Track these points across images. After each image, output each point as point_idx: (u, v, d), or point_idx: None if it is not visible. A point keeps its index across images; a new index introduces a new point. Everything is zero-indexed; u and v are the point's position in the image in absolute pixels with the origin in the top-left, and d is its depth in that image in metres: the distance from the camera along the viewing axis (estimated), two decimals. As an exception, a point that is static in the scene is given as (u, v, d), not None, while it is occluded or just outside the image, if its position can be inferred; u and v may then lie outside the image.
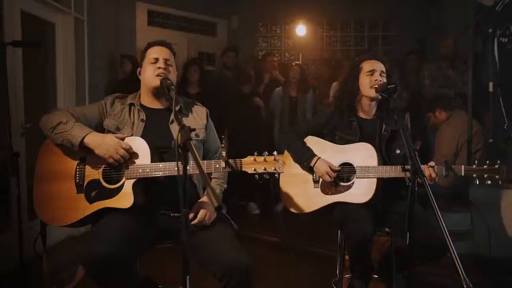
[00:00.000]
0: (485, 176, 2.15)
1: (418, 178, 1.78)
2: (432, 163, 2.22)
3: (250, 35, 6.73)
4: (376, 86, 2.34)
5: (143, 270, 2.23)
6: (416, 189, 1.80)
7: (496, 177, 2.14)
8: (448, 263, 3.23)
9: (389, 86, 2.04)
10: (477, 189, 3.44)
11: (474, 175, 2.17)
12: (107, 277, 1.78)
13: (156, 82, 2.07)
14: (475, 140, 3.78)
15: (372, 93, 2.39)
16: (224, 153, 1.94)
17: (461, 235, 3.52)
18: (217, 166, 1.94)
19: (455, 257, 1.56)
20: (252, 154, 1.94)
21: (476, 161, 2.21)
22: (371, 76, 2.41)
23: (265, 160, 1.93)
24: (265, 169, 1.92)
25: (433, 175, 2.20)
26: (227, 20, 6.55)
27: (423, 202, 3.79)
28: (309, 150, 2.50)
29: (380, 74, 2.41)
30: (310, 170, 2.48)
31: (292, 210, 2.54)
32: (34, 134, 2.11)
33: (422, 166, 2.20)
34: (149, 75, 2.10)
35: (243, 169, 1.94)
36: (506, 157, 3.51)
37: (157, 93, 2.13)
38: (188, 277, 1.51)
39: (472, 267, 3.24)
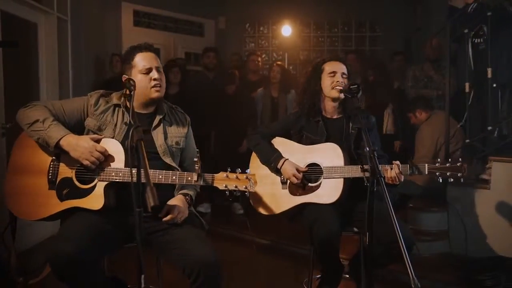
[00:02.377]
0: (447, 174, 2.18)
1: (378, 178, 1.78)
2: (397, 162, 2.24)
3: (238, 35, 6.74)
4: (338, 87, 2.38)
5: (113, 269, 2.24)
6: (375, 188, 1.81)
7: (459, 174, 2.17)
8: (424, 263, 3.28)
9: (352, 87, 2.06)
10: (453, 189, 3.47)
11: (437, 173, 2.20)
12: (71, 275, 1.80)
13: (154, 94, 2.08)
14: (454, 140, 3.81)
15: (334, 93, 2.43)
16: (197, 167, 1.92)
17: (437, 235, 3.55)
18: (189, 178, 1.96)
19: (406, 256, 1.57)
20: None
21: (439, 159, 2.24)
22: (333, 78, 2.45)
23: (237, 177, 1.94)
24: (236, 186, 1.94)
25: (397, 173, 2.20)
26: (215, 20, 6.56)
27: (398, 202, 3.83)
28: (276, 151, 2.52)
29: (341, 75, 2.45)
30: (278, 171, 2.49)
31: (261, 211, 2.54)
32: (16, 134, 2.13)
33: (387, 166, 2.23)
34: (144, 86, 2.07)
35: (215, 184, 1.95)
36: (484, 157, 3.53)
37: (151, 103, 2.14)
38: (142, 276, 1.52)
39: (449, 267, 3.27)
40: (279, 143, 2.59)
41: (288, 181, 2.47)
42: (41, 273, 2.47)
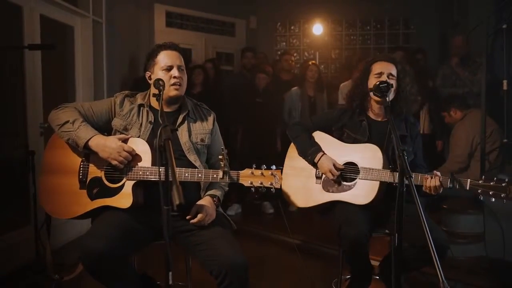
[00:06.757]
0: (490, 192, 2.05)
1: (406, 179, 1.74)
2: (438, 173, 2.16)
3: (269, 34, 6.73)
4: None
5: (142, 266, 2.29)
6: (405, 189, 1.76)
7: (502, 195, 2.02)
8: (458, 267, 3.18)
9: (381, 85, 1.99)
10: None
11: (479, 190, 2.07)
12: (102, 272, 1.85)
13: (173, 92, 2.09)
14: (491, 140, 3.67)
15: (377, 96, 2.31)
16: (222, 164, 1.92)
17: (473, 237, 3.44)
18: (215, 176, 1.97)
19: (436, 259, 1.53)
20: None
21: (483, 176, 2.11)
22: (378, 78, 2.35)
23: (262, 174, 1.93)
24: (261, 183, 1.93)
25: (437, 185, 2.13)
26: (246, 20, 6.57)
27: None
28: (315, 145, 2.49)
29: (388, 77, 2.35)
30: (314, 165, 2.46)
31: (292, 202, 2.52)
32: (53, 133, 2.23)
33: (428, 175, 2.15)
34: (164, 84, 2.07)
35: (240, 181, 1.95)
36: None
37: (171, 101, 2.16)
38: (170, 273, 1.55)
39: (484, 271, 3.16)
40: (319, 138, 2.55)
41: (323, 177, 2.45)
42: (76, 270, 2.55)
